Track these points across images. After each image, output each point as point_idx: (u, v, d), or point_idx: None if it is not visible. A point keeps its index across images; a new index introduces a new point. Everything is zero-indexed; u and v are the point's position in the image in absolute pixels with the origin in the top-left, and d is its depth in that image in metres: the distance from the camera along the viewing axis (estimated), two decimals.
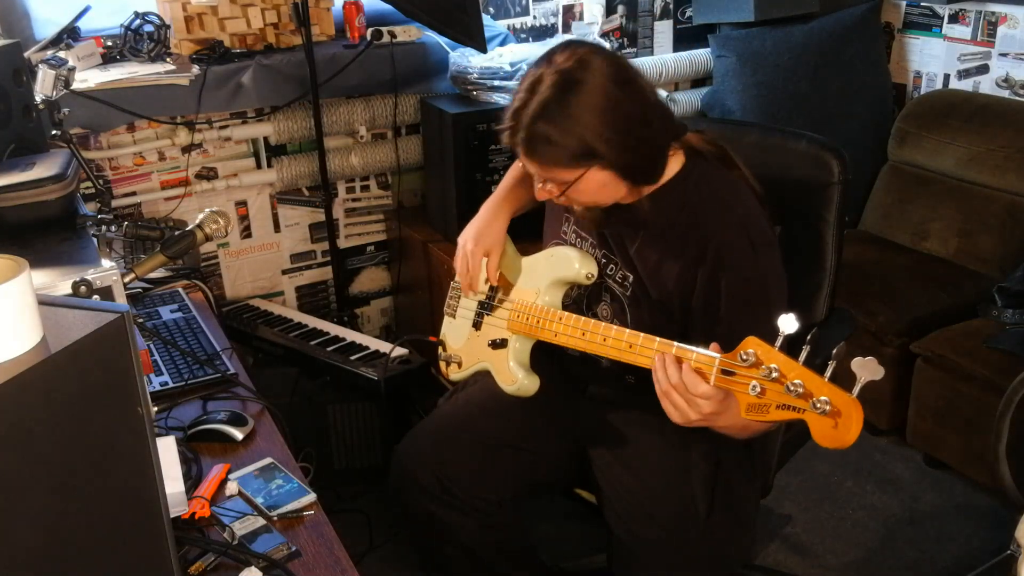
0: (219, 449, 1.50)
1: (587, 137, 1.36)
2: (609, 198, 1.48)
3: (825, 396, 1.13)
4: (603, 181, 1.43)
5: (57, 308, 0.83)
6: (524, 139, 1.40)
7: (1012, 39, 2.96)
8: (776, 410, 1.18)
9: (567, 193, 1.45)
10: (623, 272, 1.56)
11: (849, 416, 1.12)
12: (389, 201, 2.99)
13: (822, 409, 1.13)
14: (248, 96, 2.53)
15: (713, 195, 1.50)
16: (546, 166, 1.42)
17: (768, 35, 3.08)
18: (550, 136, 1.37)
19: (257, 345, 2.53)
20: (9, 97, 1.66)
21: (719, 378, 1.25)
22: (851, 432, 1.12)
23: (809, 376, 1.16)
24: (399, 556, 2.25)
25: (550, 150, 1.39)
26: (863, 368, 1.12)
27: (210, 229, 1.54)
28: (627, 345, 1.38)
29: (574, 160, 1.39)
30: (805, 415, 1.16)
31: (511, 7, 2.98)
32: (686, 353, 1.29)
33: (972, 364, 2.34)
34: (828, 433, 1.14)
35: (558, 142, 1.37)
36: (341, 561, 1.24)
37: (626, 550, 1.58)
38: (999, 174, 2.78)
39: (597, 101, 1.36)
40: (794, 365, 1.17)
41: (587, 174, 1.41)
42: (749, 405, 1.21)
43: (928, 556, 2.25)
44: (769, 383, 1.18)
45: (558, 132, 1.37)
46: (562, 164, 1.40)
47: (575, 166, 1.40)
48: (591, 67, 1.37)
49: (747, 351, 1.20)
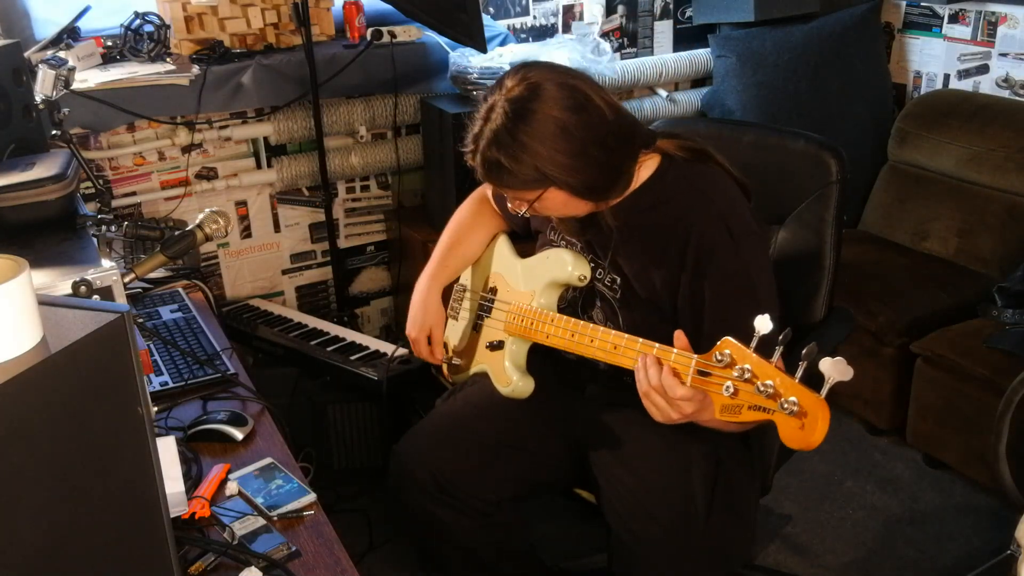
0: (219, 449, 1.50)
1: (538, 164, 1.39)
2: (579, 211, 1.51)
3: (793, 397, 1.13)
4: (563, 199, 1.46)
5: (57, 308, 0.83)
6: (481, 163, 1.45)
7: (1012, 39, 2.96)
8: (748, 411, 1.19)
9: (534, 207, 1.48)
10: (611, 275, 1.57)
11: (815, 417, 1.12)
12: (389, 201, 2.99)
13: (790, 409, 1.13)
14: (248, 96, 2.54)
15: (691, 188, 1.51)
16: (504, 188, 1.48)
17: (768, 35, 3.08)
18: (503, 163, 1.41)
19: (257, 345, 2.53)
20: (9, 97, 1.66)
21: (695, 379, 1.26)
22: (816, 433, 1.12)
23: (780, 377, 1.16)
24: (399, 556, 2.25)
25: (505, 176, 1.43)
26: (832, 368, 1.10)
27: (210, 229, 1.54)
28: (612, 347, 1.41)
29: (529, 184, 1.43)
30: (774, 415, 1.16)
31: (511, 7, 2.98)
32: (665, 354, 1.31)
33: (972, 364, 2.34)
34: (795, 434, 1.14)
35: (511, 169, 1.41)
36: (341, 561, 1.24)
37: (627, 550, 1.58)
38: (999, 174, 2.78)
39: (548, 129, 1.38)
40: (766, 366, 1.17)
41: (546, 193, 1.44)
42: (723, 406, 1.22)
43: (928, 556, 2.25)
44: (742, 384, 1.19)
45: (510, 160, 1.40)
46: (519, 186, 1.44)
47: (532, 188, 1.44)
48: (541, 95, 1.39)
49: (722, 352, 1.21)
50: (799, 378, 1.14)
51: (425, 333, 1.75)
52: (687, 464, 1.55)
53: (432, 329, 1.75)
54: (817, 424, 1.12)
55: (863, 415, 2.70)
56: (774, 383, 1.15)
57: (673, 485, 1.55)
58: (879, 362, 2.58)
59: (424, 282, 1.78)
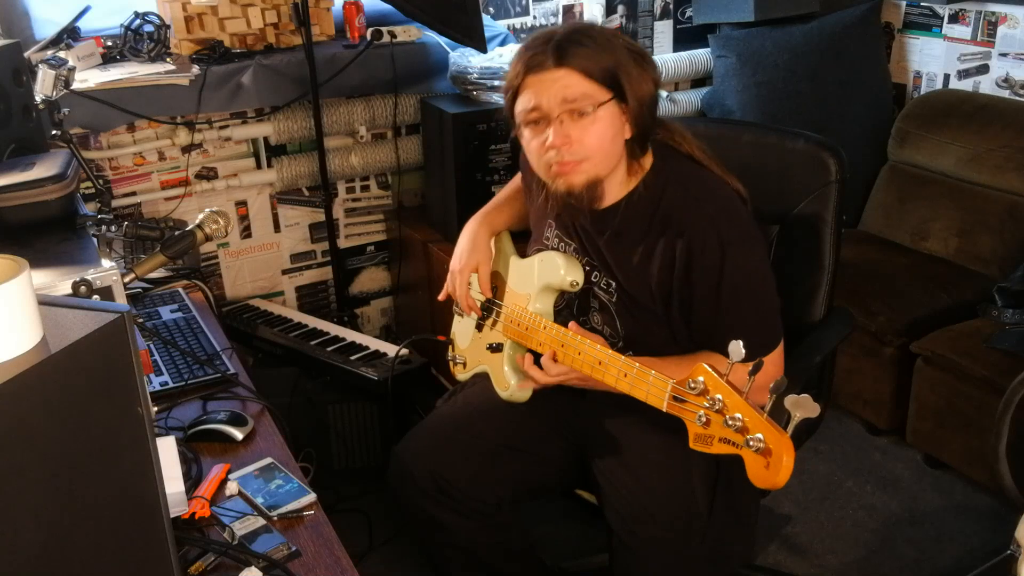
0: (219, 449, 1.50)
1: (617, 59, 1.42)
2: (610, 157, 1.48)
3: (759, 434, 1.10)
4: (614, 123, 1.45)
5: (57, 308, 0.83)
6: (560, 42, 1.43)
7: (1012, 39, 2.96)
8: (718, 443, 1.16)
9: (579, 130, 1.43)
10: (606, 279, 1.57)
11: (779, 457, 1.08)
12: (389, 201, 2.99)
13: (755, 447, 1.10)
14: (248, 96, 2.53)
15: (684, 194, 1.51)
16: (578, 69, 1.42)
17: (768, 35, 3.08)
18: (586, 43, 1.42)
19: (257, 345, 2.53)
20: (9, 97, 1.66)
21: (671, 404, 1.24)
22: (780, 474, 1.08)
23: (748, 411, 1.12)
24: (399, 556, 2.25)
25: (586, 53, 1.42)
26: (797, 406, 1.07)
27: (210, 229, 1.54)
28: (596, 362, 1.40)
29: (604, 77, 1.42)
30: (741, 451, 1.13)
31: (511, 7, 2.98)
32: (644, 375, 1.30)
33: (972, 364, 2.34)
34: (760, 473, 1.10)
35: (594, 49, 1.42)
36: (341, 561, 1.24)
37: (628, 550, 1.58)
38: (999, 174, 2.77)
39: (617, 40, 1.45)
40: (736, 398, 1.14)
41: (607, 104, 1.43)
42: (696, 435, 1.20)
43: (928, 556, 2.25)
44: (713, 414, 1.16)
45: (594, 43, 1.42)
46: (593, 75, 1.42)
47: (603, 84, 1.43)
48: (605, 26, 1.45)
49: (696, 379, 1.19)
50: (768, 411, 1.11)
51: (471, 268, 1.71)
52: (688, 465, 1.55)
53: (479, 266, 1.71)
54: (782, 463, 1.08)
55: (863, 415, 2.70)
56: (743, 417, 1.12)
57: (674, 486, 1.55)
58: (879, 362, 2.58)
59: (476, 221, 1.75)
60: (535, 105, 1.44)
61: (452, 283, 1.75)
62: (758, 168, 1.62)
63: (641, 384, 1.31)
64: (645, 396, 1.31)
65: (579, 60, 1.42)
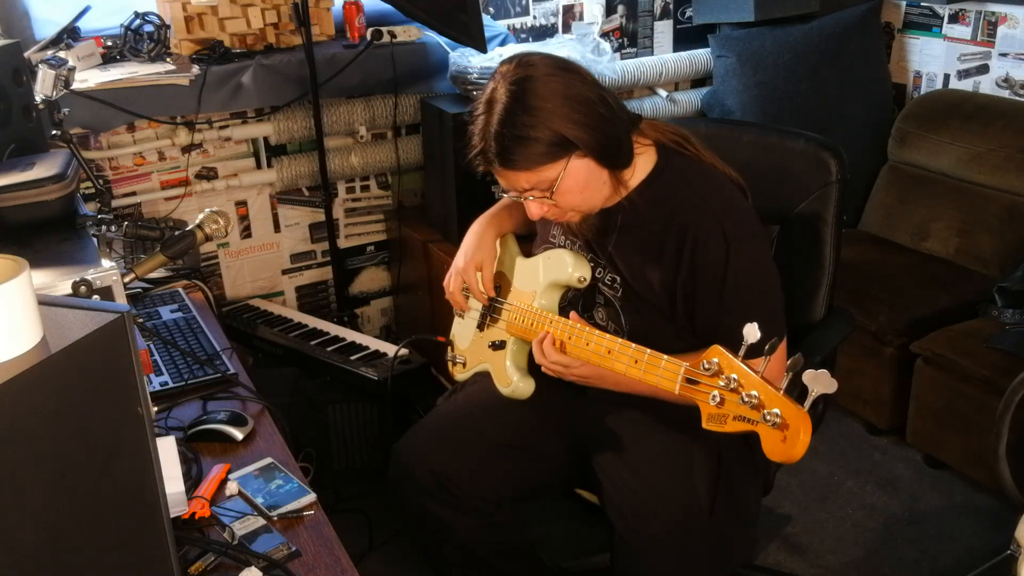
0: (219, 449, 1.50)
1: (557, 125, 1.38)
2: (596, 195, 1.49)
3: (776, 408, 1.13)
4: (585, 173, 1.44)
5: (57, 308, 0.83)
6: (498, 151, 1.41)
7: (1012, 39, 2.96)
8: (733, 421, 1.18)
9: (556, 198, 1.46)
10: (611, 275, 1.57)
11: (797, 430, 1.12)
12: (389, 201, 2.99)
13: (772, 421, 1.13)
14: (248, 96, 2.53)
15: (688, 189, 1.51)
16: (527, 169, 1.42)
17: (768, 35, 3.08)
18: (522, 135, 1.39)
19: (257, 345, 2.53)
20: (9, 97, 1.66)
21: (684, 387, 1.26)
22: (798, 446, 1.12)
23: (764, 388, 1.15)
24: (399, 556, 2.25)
25: (526, 149, 1.40)
26: (815, 381, 1.09)
27: (210, 229, 1.54)
28: (606, 351, 1.41)
29: (551, 152, 1.40)
30: (757, 427, 1.15)
31: (511, 7, 2.98)
32: (656, 360, 1.31)
33: (972, 364, 2.34)
34: (777, 446, 1.14)
35: (531, 137, 1.39)
36: (341, 561, 1.24)
37: (629, 549, 1.58)
38: (999, 174, 2.77)
39: (553, 88, 1.39)
40: (752, 376, 1.17)
41: (568, 166, 1.42)
42: (709, 415, 1.22)
43: (928, 556, 2.25)
44: (728, 393, 1.19)
45: (528, 129, 1.38)
46: (541, 160, 1.41)
47: (554, 159, 1.41)
48: (535, 63, 1.42)
49: (710, 360, 1.21)
50: (784, 389, 1.14)
51: (475, 265, 1.71)
52: (689, 463, 1.55)
53: (483, 264, 1.71)
54: (799, 437, 1.12)
55: (863, 415, 2.70)
56: (759, 394, 1.15)
57: (676, 484, 1.55)
58: (879, 362, 2.58)
59: (483, 220, 1.76)
60: (504, 187, 1.50)
61: (450, 279, 1.75)
62: (758, 168, 1.62)
63: (653, 368, 1.32)
64: (657, 380, 1.32)
65: (521, 161, 1.41)
